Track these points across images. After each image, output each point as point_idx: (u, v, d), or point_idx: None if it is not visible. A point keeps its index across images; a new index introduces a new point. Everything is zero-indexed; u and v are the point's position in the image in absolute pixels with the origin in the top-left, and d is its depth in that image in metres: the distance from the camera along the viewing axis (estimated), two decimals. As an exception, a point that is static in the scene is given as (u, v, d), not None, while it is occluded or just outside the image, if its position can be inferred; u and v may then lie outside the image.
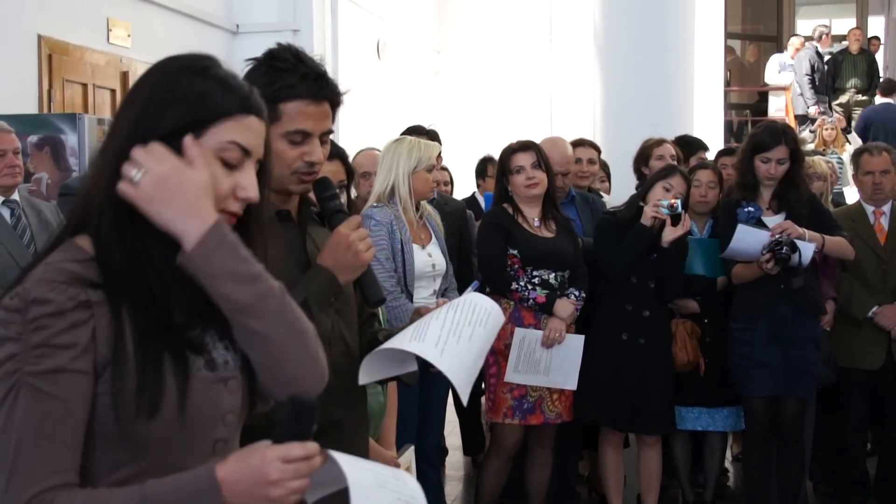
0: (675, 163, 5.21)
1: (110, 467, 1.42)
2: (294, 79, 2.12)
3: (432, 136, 5.47)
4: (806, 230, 4.43)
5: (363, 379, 2.11)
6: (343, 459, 1.40)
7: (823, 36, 12.37)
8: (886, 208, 5.09)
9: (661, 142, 5.55)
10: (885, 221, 5.06)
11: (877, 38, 13.54)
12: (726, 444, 5.14)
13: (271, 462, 1.35)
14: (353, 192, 4.56)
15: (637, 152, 5.55)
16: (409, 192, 4.33)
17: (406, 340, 1.99)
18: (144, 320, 1.43)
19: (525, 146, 4.55)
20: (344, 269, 2.16)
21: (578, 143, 5.72)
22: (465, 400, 1.99)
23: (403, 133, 5.15)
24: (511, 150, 4.57)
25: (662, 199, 4.52)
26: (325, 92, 2.16)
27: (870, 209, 5.09)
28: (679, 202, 4.52)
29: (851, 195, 6.74)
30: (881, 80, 12.29)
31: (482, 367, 4.53)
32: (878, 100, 11.39)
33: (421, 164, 4.34)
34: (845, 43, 13.02)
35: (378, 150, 4.76)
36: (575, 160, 5.52)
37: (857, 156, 5.23)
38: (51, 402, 1.35)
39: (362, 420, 2.32)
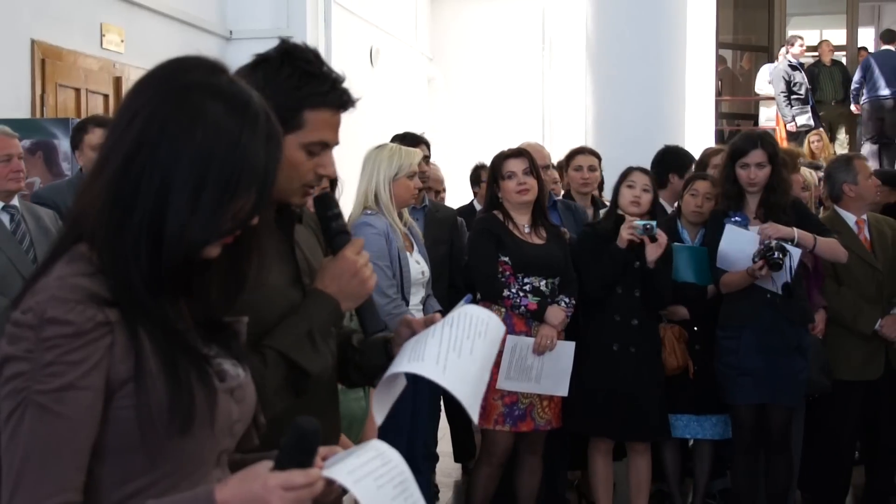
0: None
1: (122, 479, 1.42)
2: (326, 86, 1.96)
3: (420, 140, 5.46)
4: (795, 229, 4.41)
5: (379, 417, 2.00)
6: (345, 478, 1.39)
7: (792, 44, 12.40)
8: (864, 217, 5.04)
9: (718, 150, 5.55)
10: (866, 231, 5.01)
11: (864, 48, 13.58)
12: (714, 451, 5.14)
13: (273, 490, 1.34)
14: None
15: (696, 161, 5.52)
16: (390, 199, 4.34)
17: (405, 362, 1.88)
18: (165, 337, 1.43)
19: (517, 153, 4.58)
20: (348, 296, 2.02)
21: (578, 151, 5.74)
22: (474, 417, 1.87)
23: (393, 139, 5.16)
24: (503, 157, 4.59)
25: (637, 220, 4.55)
26: (350, 102, 2.00)
27: (852, 219, 5.01)
28: (654, 223, 4.56)
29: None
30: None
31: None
32: (883, 47, 12.09)
33: (402, 171, 4.34)
34: (816, 54, 13.09)
35: None
36: (575, 168, 5.54)
37: (847, 162, 5.15)
38: (57, 420, 1.35)
39: (336, 427, 2.26)
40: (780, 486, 4.70)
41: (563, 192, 5.80)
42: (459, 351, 1.84)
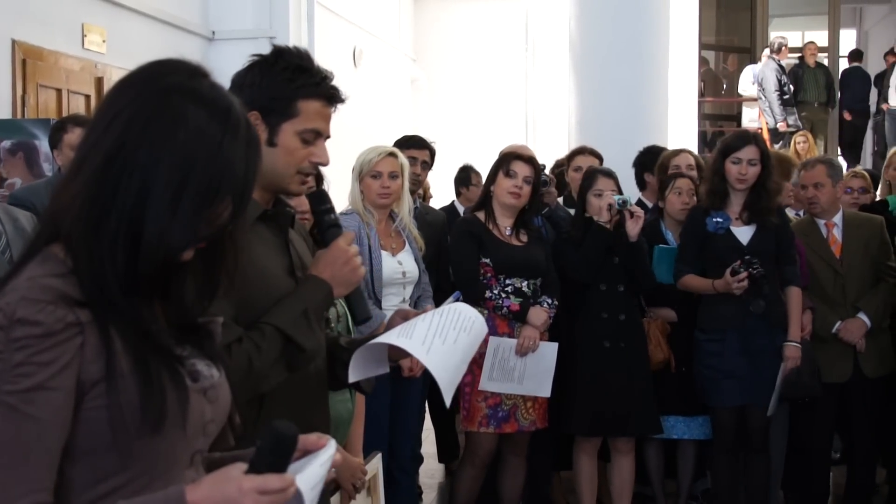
0: (695, 173, 5.24)
1: (94, 480, 1.42)
2: (316, 78, 2.16)
3: (424, 145, 5.45)
4: (798, 341, 4.57)
5: (352, 377, 2.13)
6: (304, 484, 1.40)
7: (783, 48, 12.48)
8: (837, 220, 5.05)
9: (678, 152, 5.55)
10: (837, 234, 5.02)
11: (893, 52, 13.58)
12: (697, 452, 5.16)
13: (248, 493, 1.34)
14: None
15: (657, 165, 5.56)
16: (361, 199, 4.35)
17: (394, 336, 2.02)
18: (136, 338, 1.43)
19: (528, 159, 4.58)
20: (340, 282, 2.17)
21: (579, 152, 5.75)
22: (447, 400, 2.00)
23: (395, 143, 5.16)
24: (515, 155, 4.59)
25: (614, 196, 4.63)
26: (339, 97, 2.20)
27: (821, 222, 5.04)
28: (628, 196, 4.69)
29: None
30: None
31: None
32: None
33: (364, 170, 4.35)
34: (800, 55, 13.18)
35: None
36: (575, 168, 5.54)
37: (798, 171, 5.21)
38: (27, 421, 1.34)
39: (326, 420, 2.34)
40: (758, 486, 4.71)
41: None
42: (444, 339, 1.97)
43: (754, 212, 4.59)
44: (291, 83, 2.13)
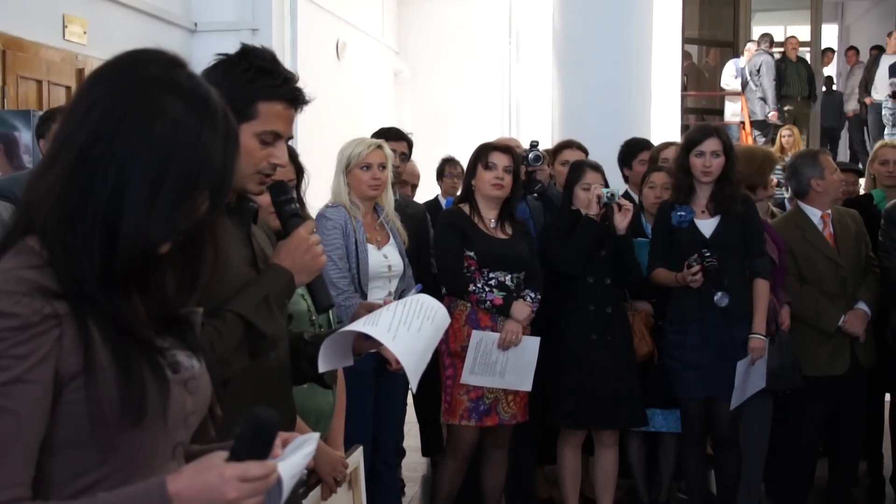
0: None
1: (74, 474, 1.40)
2: (278, 80, 2.16)
3: (401, 137, 5.44)
4: (763, 334, 4.52)
5: (322, 366, 2.16)
6: (285, 473, 1.41)
7: (771, 43, 12.59)
8: (829, 212, 5.04)
9: (668, 145, 5.54)
10: (832, 226, 5.01)
11: (831, 49, 13.77)
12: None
13: (230, 481, 1.34)
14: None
15: (649, 156, 5.55)
16: (347, 192, 4.33)
17: (360, 325, 2.06)
18: (115, 330, 1.41)
19: (505, 148, 4.58)
20: (301, 270, 2.21)
21: (566, 145, 5.74)
22: (413, 386, 2.06)
23: (375, 134, 5.14)
24: (491, 147, 4.58)
25: (602, 189, 4.64)
26: (301, 99, 2.21)
27: (816, 215, 5.00)
28: (617, 190, 4.69)
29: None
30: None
31: (440, 369, 4.55)
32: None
33: (352, 162, 4.34)
34: (781, 49, 13.27)
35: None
36: (561, 162, 5.54)
37: (813, 158, 5.10)
38: (4, 415, 1.32)
39: (291, 413, 2.38)
40: (728, 479, 4.71)
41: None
42: (409, 327, 2.03)
43: (719, 202, 4.59)
44: (252, 84, 2.14)
